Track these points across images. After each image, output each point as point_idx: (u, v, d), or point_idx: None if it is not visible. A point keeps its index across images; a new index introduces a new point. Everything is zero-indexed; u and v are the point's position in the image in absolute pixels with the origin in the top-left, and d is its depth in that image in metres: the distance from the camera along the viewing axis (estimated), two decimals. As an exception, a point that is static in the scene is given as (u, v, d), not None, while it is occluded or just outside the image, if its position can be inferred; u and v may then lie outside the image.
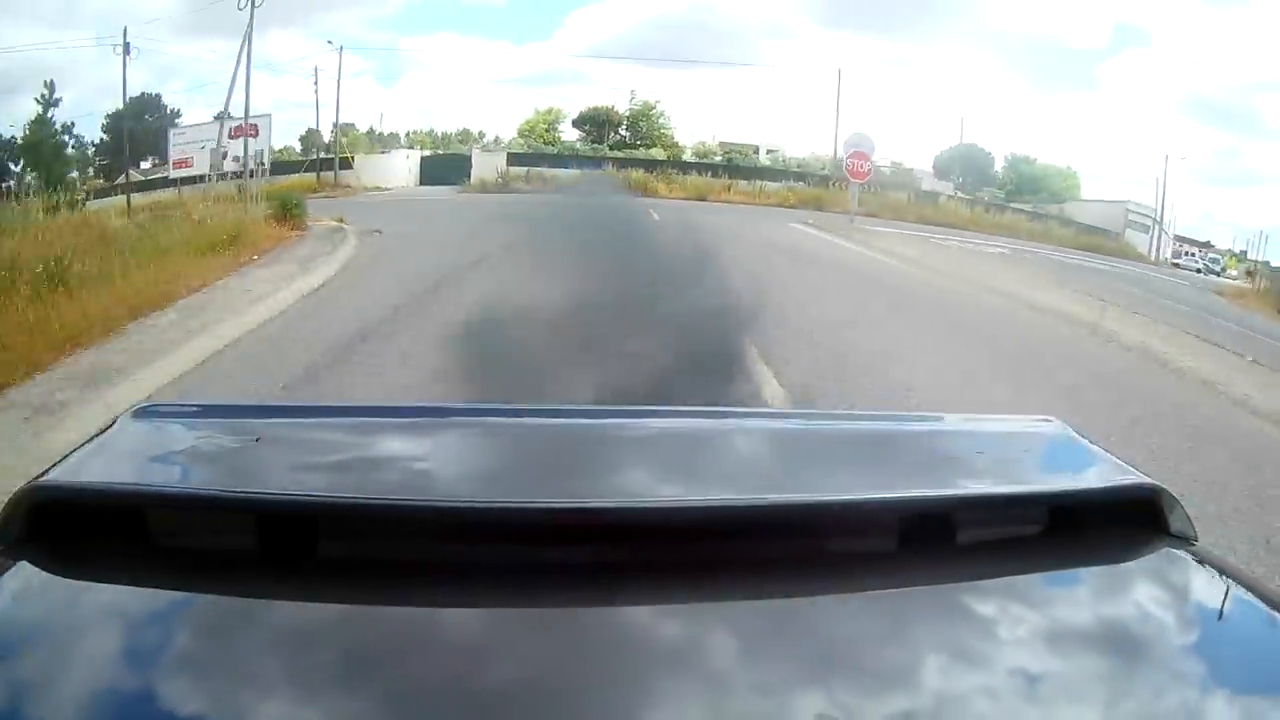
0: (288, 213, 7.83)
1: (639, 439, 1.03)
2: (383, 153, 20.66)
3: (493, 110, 40.45)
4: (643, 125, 24.16)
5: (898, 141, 40.04)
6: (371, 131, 22.27)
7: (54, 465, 0.81)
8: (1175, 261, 22.81)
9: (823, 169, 21.26)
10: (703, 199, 17.04)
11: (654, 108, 23.99)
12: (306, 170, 18.68)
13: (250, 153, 15.96)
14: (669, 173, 19.01)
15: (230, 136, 16.23)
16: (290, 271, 5.94)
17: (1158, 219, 21.71)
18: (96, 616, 0.68)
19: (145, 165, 19.17)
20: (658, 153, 22.26)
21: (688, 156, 22.76)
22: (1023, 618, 0.74)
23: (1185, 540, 0.84)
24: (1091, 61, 35.46)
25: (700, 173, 20.19)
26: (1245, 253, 23.18)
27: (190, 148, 16.83)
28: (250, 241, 6.66)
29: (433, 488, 0.86)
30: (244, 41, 14.35)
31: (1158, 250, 22.31)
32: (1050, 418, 1.10)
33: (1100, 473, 0.96)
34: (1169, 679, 0.69)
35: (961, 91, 37.20)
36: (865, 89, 37.72)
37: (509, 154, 20.21)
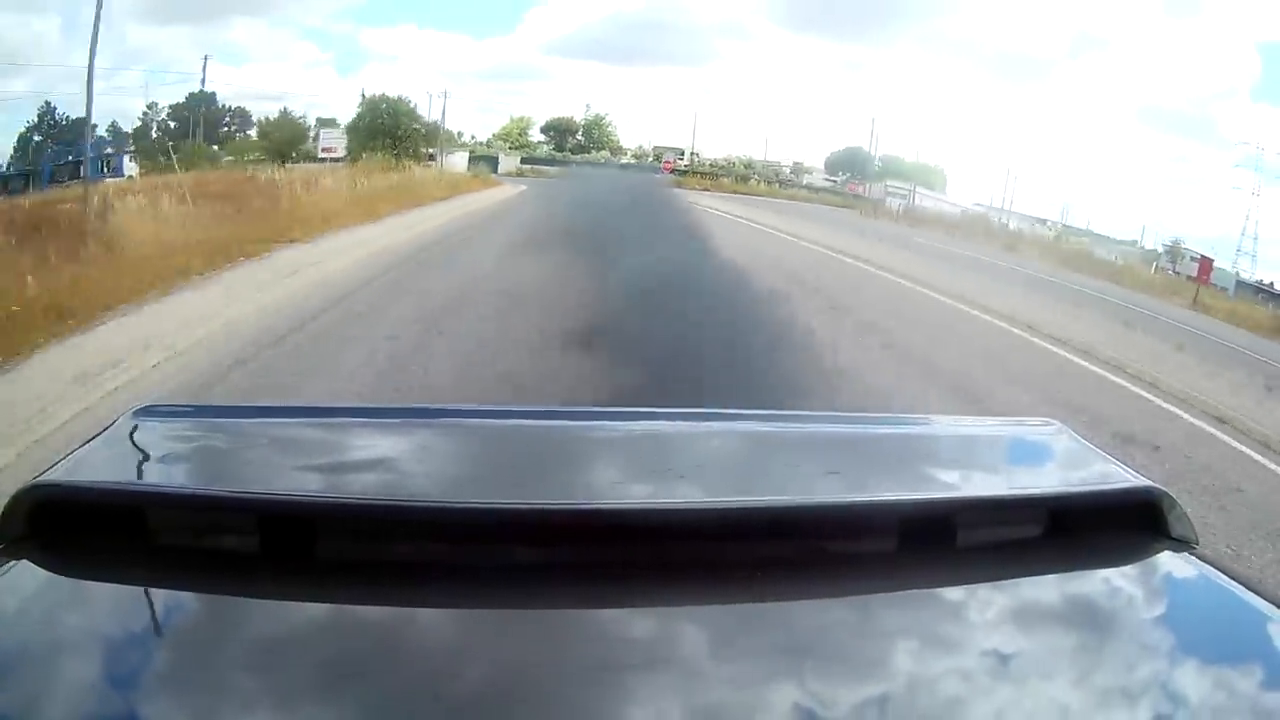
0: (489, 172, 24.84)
1: (636, 441, 1.05)
2: (450, 153, 28.20)
3: (452, 103, 39.21)
4: (595, 132, 29.25)
5: (812, 141, 43.46)
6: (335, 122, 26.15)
7: (53, 464, 0.83)
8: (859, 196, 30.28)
9: (700, 165, 28.87)
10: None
11: (604, 118, 29.32)
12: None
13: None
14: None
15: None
16: (515, 186, 23.15)
17: (901, 188, 30.21)
18: (95, 614, 0.70)
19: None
20: (604, 155, 28.71)
21: (627, 158, 28.54)
22: (1023, 620, 0.75)
23: (1185, 543, 0.86)
24: (1053, 70, 37.36)
25: (618, 169, 26.40)
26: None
27: (330, 139, 25.76)
28: (484, 179, 23.88)
29: (430, 489, 0.88)
30: (442, 115, 26.76)
31: (907, 205, 29.29)
32: (1050, 420, 1.13)
33: (1100, 475, 0.99)
34: (1169, 682, 0.70)
35: (909, 96, 40.34)
36: (816, 89, 39.77)
37: (521, 156, 29.37)
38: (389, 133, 21.50)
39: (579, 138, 29.51)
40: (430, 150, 23.94)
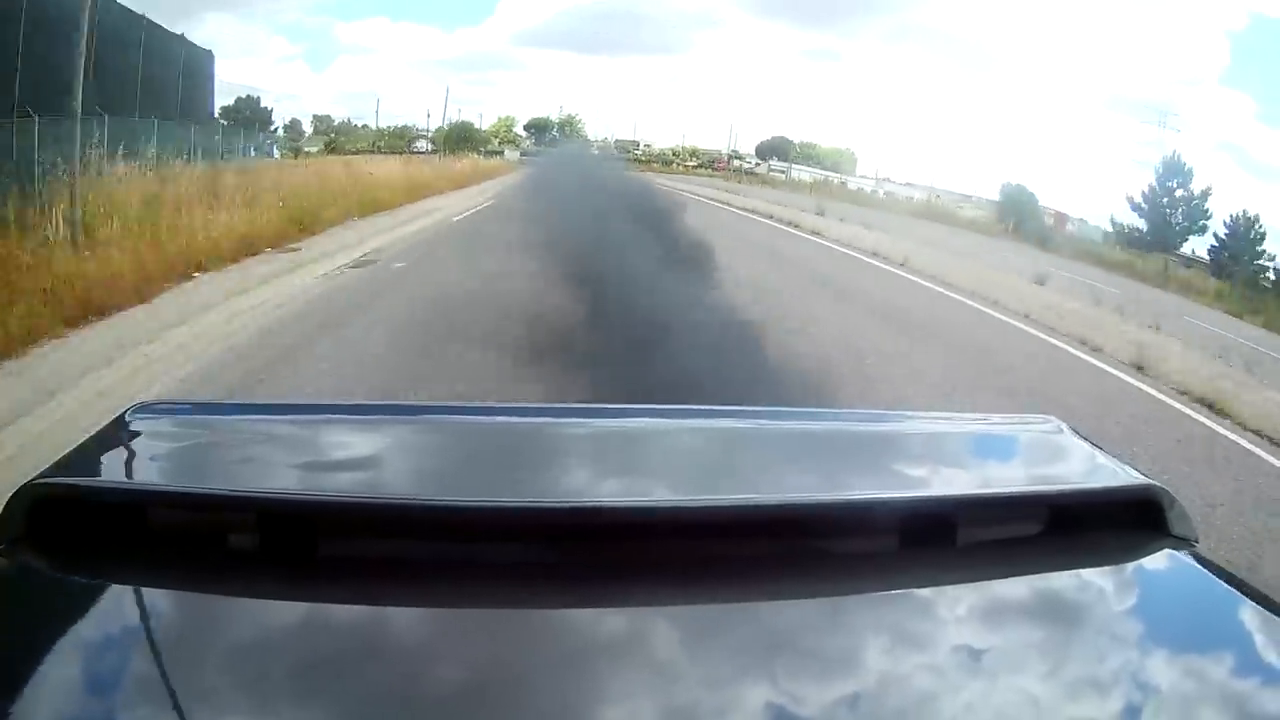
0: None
1: (637, 440, 1.07)
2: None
3: (423, 95, 42.46)
4: (568, 129, 34.48)
5: (759, 129, 44.63)
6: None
7: (53, 463, 0.84)
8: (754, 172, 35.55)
9: (644, 154, 33.53)
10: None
11: (575, 117, 34.80)
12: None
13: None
14: (562, 159, 32.04)
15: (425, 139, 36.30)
16: (526, 167, 41.10)
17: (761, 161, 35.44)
18: (94, 612, 0.71)
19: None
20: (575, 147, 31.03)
21: (593, 149, 31.35)
22: (1022, 618, 0.76)
23: (1185, 541, 0.87)
24: (1012, 58, 39.80)
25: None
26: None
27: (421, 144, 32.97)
28: (509, 164, 43.14)
29: (429, 487, 0.89)
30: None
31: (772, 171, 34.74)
32: (1050, 417, 1.15)
33: (1100, 473, 1.01)
34: (1167, 679, 0.71)
35: (874, 85, 42.00)
36: (772, 78, 41.09)
37: (520, 151, 35.12)
38: (466, 139, 40.11)
39: (555, 134, 34.75)
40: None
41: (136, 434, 0.96)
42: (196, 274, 8.86)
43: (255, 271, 9.50)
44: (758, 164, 36.01)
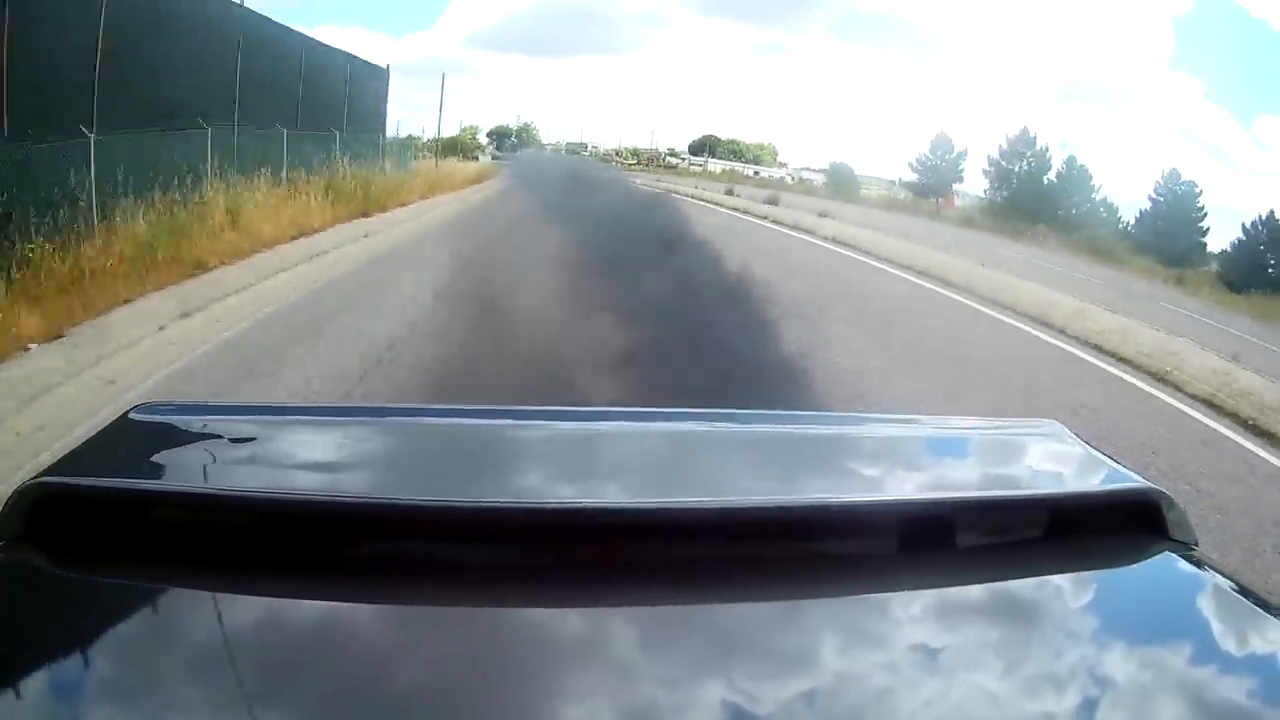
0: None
1: (634, 441, 1.07)
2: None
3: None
4: (525, 135, 36.47)
5: (700, 127, 45.93)
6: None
7: (54, 462, 0.85)
8: (674, 166, 36.94)
9: (594, 155, 35.54)
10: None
11: (531, 125, 36.83)
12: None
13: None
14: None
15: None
16: (501, 165, 56.51)
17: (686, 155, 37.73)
18: (95, 612, 0.71)
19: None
20: (533, 150, 34.41)
21: (547, 151, 34.60)
22: (1021, 621, 0.77)
23: (1184, 545, 0.88)
24: (968, 50, 41.59)
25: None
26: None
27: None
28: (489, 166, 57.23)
29: (427, 488, 0.89)
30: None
31: (691, 164, 36.94)
32: (1049, 420, 1.16)
33: (1099, 476, 1.01)
34: (1166, 683, 0.71)
35: (814, 78, 43.01)
36: (712, 75, 42.47)
37: (491, 154, 35.88)
38: (459, 149, 53.36)
39: (514, 140, 36.24)
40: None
41: (136, 434, 0.97)
42: (462, 189, 22.48)
43: (476, 189, 23.14)
44: (684, 160, 39.62)
